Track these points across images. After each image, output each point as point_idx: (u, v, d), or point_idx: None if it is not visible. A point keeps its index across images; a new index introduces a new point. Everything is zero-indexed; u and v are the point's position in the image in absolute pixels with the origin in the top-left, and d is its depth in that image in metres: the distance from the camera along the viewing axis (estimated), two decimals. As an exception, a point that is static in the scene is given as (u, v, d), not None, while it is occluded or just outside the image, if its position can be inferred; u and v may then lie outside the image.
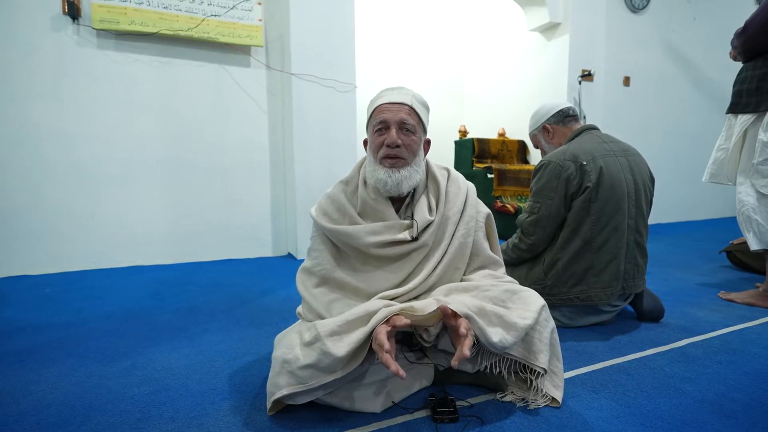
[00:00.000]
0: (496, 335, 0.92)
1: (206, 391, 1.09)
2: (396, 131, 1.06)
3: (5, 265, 2.34)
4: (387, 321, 0.90)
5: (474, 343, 0.93)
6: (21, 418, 0.97)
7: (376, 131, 1.09)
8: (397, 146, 1.06)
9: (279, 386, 0.92)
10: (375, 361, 0.99)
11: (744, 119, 1.76)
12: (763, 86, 1.68)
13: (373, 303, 0.99)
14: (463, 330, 0.87)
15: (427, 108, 1.15)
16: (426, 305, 0.96)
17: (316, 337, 0.92)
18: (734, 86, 1.81)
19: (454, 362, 0.84)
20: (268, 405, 0.95)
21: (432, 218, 1.10)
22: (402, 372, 0.83)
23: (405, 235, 1.07)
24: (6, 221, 2.33)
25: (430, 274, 1.08)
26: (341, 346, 0.89)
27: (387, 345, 0.84)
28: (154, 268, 2.54)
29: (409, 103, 1.09)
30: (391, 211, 1.11)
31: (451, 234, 1.11)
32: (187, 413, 0.99)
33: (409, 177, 1.08)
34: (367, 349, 0.91)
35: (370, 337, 0.90)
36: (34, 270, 2.40)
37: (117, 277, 2.33)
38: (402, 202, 1.14)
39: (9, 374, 1.19)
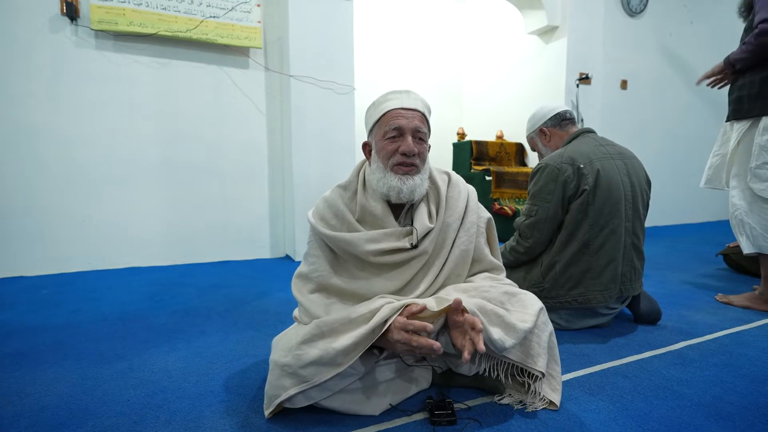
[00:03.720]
0: (496, 333, 0.92)
1: (203, 393, 1.08)
2: (411, 139, 1.05)
3: (1, 266, 2.33)
4: (401, 312, 0.92)
5: None
6: (16, 420, 0.97)
7: (388, 137, 1.06)
8: (414, 154, 1.05)
9: (284, 387, 0.92)
10: (374, 363, 0.99)
11: (741, 124, 1.76)
12: (765, 91, 1.66)
13: (376, 301, 0.99)
14: (480, 326, 0.87)
15: (431, 113, 1.14)
16: (426, 302, 0.96)
17: (317, 335, 0.93)
18: (731, 93, 1.80)
19: (466, 356, 0.85)
20: (271, 408, 0.94)
21: (432, 225, 1.08)
22: (438, 344, 0.86)
23: (404, 242, 1.05)
24: (2, 222, 2.32)
25: (432, 283, 1.07)
26: (343, 340, 0.90)
27: (430, 326, 0.87)
28: (151, 270, 2.54)
29: (421, 110, 1.08)
30: (391, 218, 1.09)
31: (452, 241, 1.09)
32: (184, 416, 0.98)
33: (421, 185, 1.07)
34: (370, 343, 0.91)
35: (373, 332, 0.91)
36: (30, 271, 2.39)
37: (114, 279, 2.32)
38: (401, 209, 1.12)
39: (5, 376, 1.18)
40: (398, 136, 1.05)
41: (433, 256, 1.09)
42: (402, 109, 1.06)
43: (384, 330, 0.91)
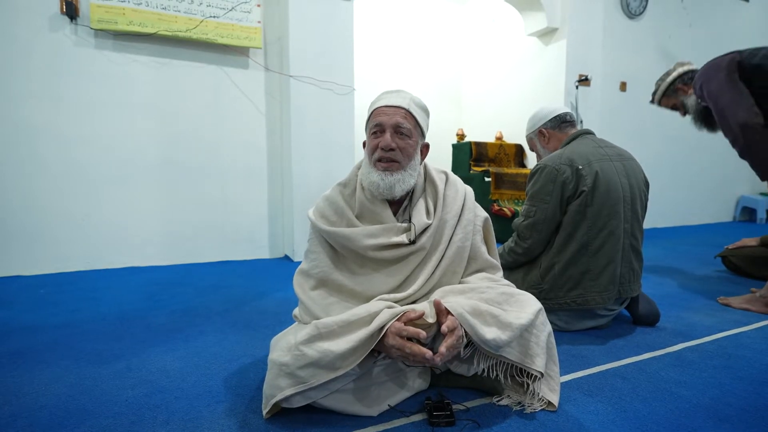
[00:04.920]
0: (490, 333, 0.93)
1: (202, 393, 1.08)
2: (391, 135, 1.06)
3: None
4: (399, 318, 0.92)
5: (467, 344, 0.94)
6: (13, 420, 0.96)
7: (372, 134, 1.10)
8: (391, 150, 1.06)
9: (280, 388, 0.91)
10: (373, 364, 0.99)
11: None
12: None
13: (375, 304, 0.99)
14: (444, 328, 0.89)
15: (426, 112, 1.14)
16: (424, 309, 0.96)
17: (316, 336, 0.93)
18: None
19: (435, 358, 0.87)
20: (267, 407, 0.94)
21: (429, 221, 1.10)
22: (430, 353, 0.87)
23: (402, 238, 1.07)
24: (1, 221, 2.31)
25: (428, 279, 1.08)
26: (341, 344, 0.90)
27: (423, 333, 0.89)
28: (149, 270, 2.53)
29: (406, 106, 1.08)
30: (389, 213, 1.11)
31: (449, 237, 1.11)
32: (182, 416, 0.98)
33: (402, 181, 1.07)
34: (369, 349, 0.91)
35: (372, 337, 0.91)
36: (28, 271, 2.38)
37: (112, 279, 2.32)
38: (400, 205, 1.14)
39: (2, 376, 1.18)
40: (379, 132, 1.08)
41: (431, 252, 1.10)
42: (386, 106, 1.08)
43: (381, 335, 0.92)
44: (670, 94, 2.05)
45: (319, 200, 1.17)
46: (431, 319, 0.93)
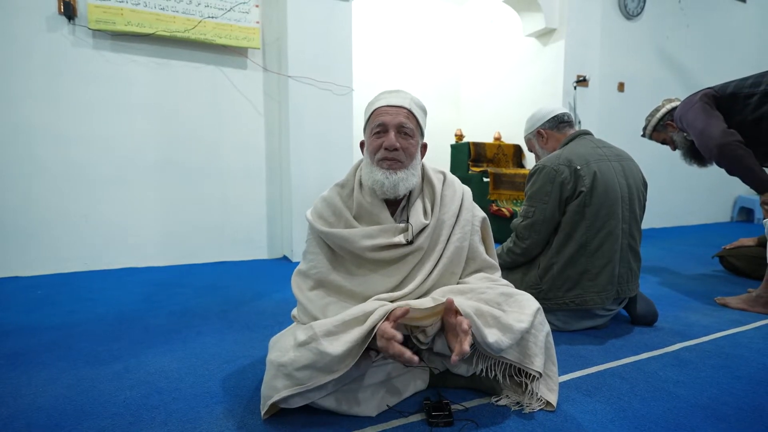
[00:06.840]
0: (492, 336, 0.92)
1: (200, 394, 1.08)
2: (394, 134, 1.07)
3: (-3, 266, 2.32)
4: (387, 317, 0.91)
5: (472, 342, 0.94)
6: (11, 421, 0.96)
7: (374, 134, 1.09)
8: (395, 149, 1.06)
9: (276, 389, 0.91)
10: (371, 363, 0.99)
11: None
12: None
13: (370, 304, 0.99)
14: (465, 326, 0.87)
15: (424, 112, 1.15)
16: (422, 304, 0.96)
17: (312, 337, 0.92)
18: None
19: (454, 357, 0.84)
20: (264, 408, 0.94)
21: (427, 222, 1.10)
22: (416, 358, 0.85)
23: (400, 238, 1.07)
24: (-2, 222, 2.31)
25: (426, 279, 1.08)
26: (337, 345, 0.89)
27: (399, 335, 0.87)
28: (148, 270, 2.53)
29: (407, 106, 1.09)
30: (387, 214, 1.11)
31: (447, 238, 1.11)
32: (180, 417, 0.98)
33: (406, 179, 1.08)
34: (363, 348, 0.91)
35: (367, 336, 0.91)
36: (26, 271, 2.37)
37: (110, 279, 2.31)
38: (397, 206, 1.14)
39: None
40: (382, 132, 1.08)
41: (428, 253, 1.10)
42: (388, 106, 1.08)
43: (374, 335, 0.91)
44: (659, 129, 2.13)
45: (317, 201, 1.17)
46: (427, 308, 0.92)
